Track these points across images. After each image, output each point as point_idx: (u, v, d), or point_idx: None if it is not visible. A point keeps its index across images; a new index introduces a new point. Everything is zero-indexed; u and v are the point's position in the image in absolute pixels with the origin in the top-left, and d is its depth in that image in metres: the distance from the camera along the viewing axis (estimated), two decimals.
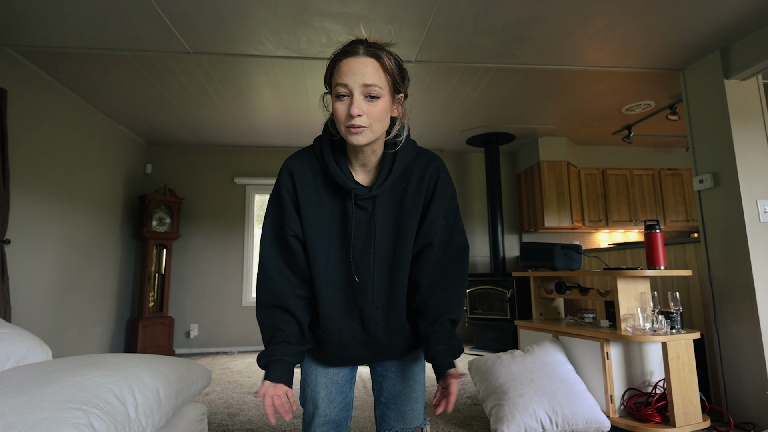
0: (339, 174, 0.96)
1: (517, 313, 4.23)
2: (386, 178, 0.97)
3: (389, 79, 0.90)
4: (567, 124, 4.46)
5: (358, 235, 0.99)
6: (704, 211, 2.79)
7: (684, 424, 2.18)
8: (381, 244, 0.99)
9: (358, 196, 0.97)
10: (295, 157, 1.02)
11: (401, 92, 0.96)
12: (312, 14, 2.37)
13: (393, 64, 0.91)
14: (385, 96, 0.90)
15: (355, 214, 0.98)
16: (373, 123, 0.89)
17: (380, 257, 1.00)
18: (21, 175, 2.91)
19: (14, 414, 1.01)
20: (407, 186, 0.99)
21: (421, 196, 0.99)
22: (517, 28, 2.53)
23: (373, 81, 0.87)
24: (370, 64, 0.88)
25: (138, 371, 1.40)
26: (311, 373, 1.11)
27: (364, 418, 2.52)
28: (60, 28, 2.47)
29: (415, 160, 1.01)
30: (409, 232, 0.99)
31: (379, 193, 0.97)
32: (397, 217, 1.00)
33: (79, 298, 3.60)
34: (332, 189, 0.99)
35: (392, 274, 1.01)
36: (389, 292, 1.02)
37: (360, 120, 0.87)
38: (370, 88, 0.87)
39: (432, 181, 1.00)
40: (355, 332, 1.04)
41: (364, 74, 0.87)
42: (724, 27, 2.50)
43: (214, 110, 3.92)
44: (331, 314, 1.02)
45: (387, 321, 1.04)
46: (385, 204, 0.99)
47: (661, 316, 2.35)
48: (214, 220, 4.93)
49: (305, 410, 1.12)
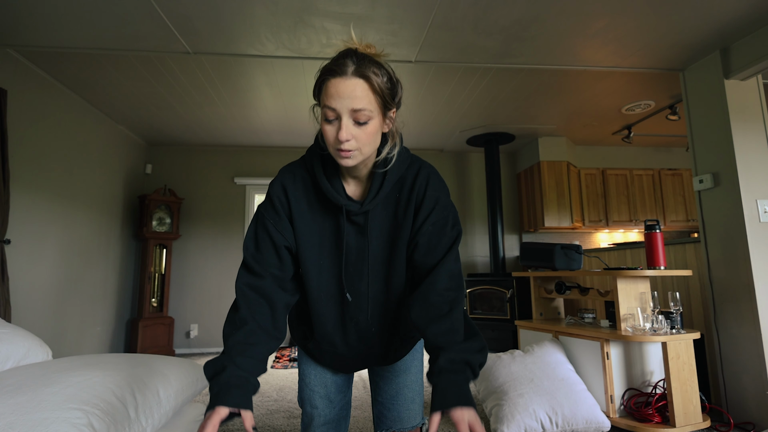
0: (330, 190, 0.93)
1: (517, 313, 4.23)
2: (378, 192, 0.94)
3: (379, 100, 0.85)
4: (567, 124, 4.46)
5: (351, 250, 0.97)
6: (704, 211, 2.79)
7: (684, 424, 2.18)
8: (375, 257, 0.97)
9: (350, 212, 0.95)
10: (288, 171, 0.98)
11: (392, 108, 0.91)
12: (312, 14, 2.37)
13: (383, 81, 0.85)
14: (375, 117, 0.86)
15: (347, 229, 0.96)
16: (363, 146, 0.86)
17: (374, 270, 0.98)
18: (21, 175, 2.91)
19: (14, 414, 1.01)
20: (400, 196, 0.97)
21: (412, 205, 0.96)
22: (517, 28, 2.53)
23: (362, 105, 0.82)
24: (359, 87, 0.82)
25: (138, 371, 1.40)
26: (309, 373, 1.11)
27: (364, 418, 2.52)
28: (60, 28, 2.47)
29: (408, 170, 0.98)
30: (402, 244, 0.97)
31: (371, 207, 0.95)
32: (391, 228, 0.97)
33: (79, 298, 3.60)
34: (324, 204, 0.97)
35: (388, 287, 0.99)
36: (385, 306, 1.00)
37: (349, 144, 0.84)
38: (359, 113, 0.83)
39: (421, 189, 0.96)
40: (351, 347, 1.04)
41: (353, 98, 0.82)
42: (724, 27, 2.50)
43: (214, 110, 3.91)
44: (326, 329, 1.01)
45: (384, 334, 1.03)
46: (379, 217, 0.97)
47: (661, 316, 2.35)
48: (214, 220, 4.93)
49: (304, 411, 1.12)
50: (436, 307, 0.89)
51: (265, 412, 2.62)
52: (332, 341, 1.03)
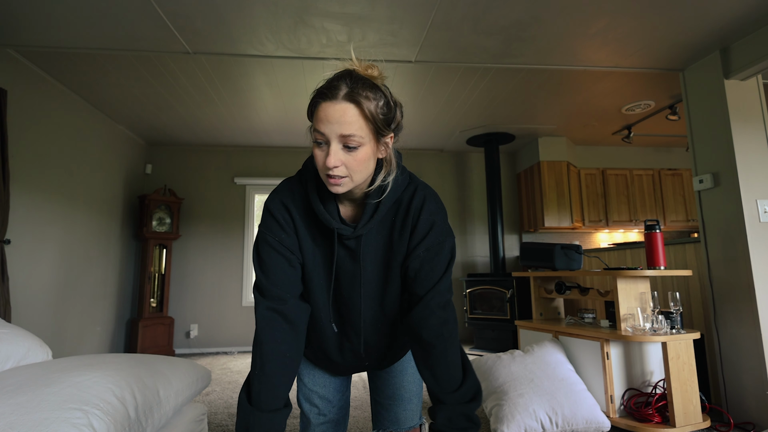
0: (323, 213, 0.90)
1: (517, 313, 4.23)
2: (371, 217, 0.91)
3: (371, 125, 0.81)
4: (567, 124, 4.46)
5: (345, 273, 0.94)
6: (704, 211, 2.79)
7: (684, 424, 2.18)
8: (368, 282, 0.95)
9: (343, 236, 0.91)
10: (286, 188, 0.95)
11: (388, 134, 0.86)
12: (312, 14, 2.37)
13: (377, 106, 0.81)
14: (367, 143, 0.82)
15: (340, 253, 0.93)
16: (353, 173, 0.83)
17: (368, 295, 0.95)
18: (21, 175, 2.91)
19: (14, 414, 1.01)
20: (395, 219, 0.93)
21: (407, 228, 0.92)
22: (517, 28, 2.53)
23: (351, 131, 0.79)
24: (349, 112, 0.79)
25: (138, 371, 1.40)
26: (308, 373, 1.11)
27: (364, 418, 2.52)
28: (60, 28, 2.47)
29: (404, 192, 0.93)
30: (396, 266, 0.93)
31: (364, 232, 0.91)
32: (385, 252, 0.94)
33: (79, 298, 3.60)
34: (318, 226, 0.94)
35: (383, 311, 0.98)
36: (381, 327, 1.00)
37: (338, 171, 0.81)
38: (348, 139, 0.79)
39: (416, 211, 0.91)
40: (345, 359, 1.05)
41: (342, 124, 0.78)
42: (724, 27, 2.50)
43: (214, 110, 3.92)
44: (321, 345, 1.03)
45: (379, 350, 1.04)
46: (374, 241, 0.93)
47: (661, 316, 2.35)
48: (214, 220, 4.93)
49: (302, 411, 1.12)
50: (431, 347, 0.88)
51: None
52: (328, 356, 1.05)
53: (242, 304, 4.84)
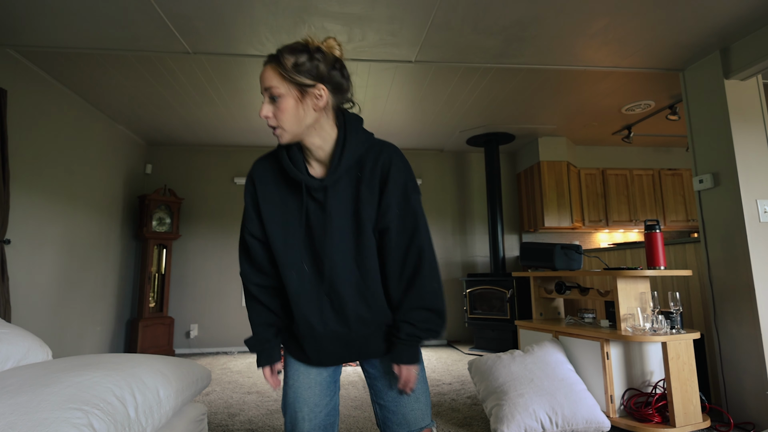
0: (292, 169, 1.01)
1: (517, 313, 4.23)
2: (336, 168, 0.99)
3: (288, 77, 0.93)
4: (567, 124, 4.46)
5: (316, 226, 1.02)
6: (704, 211, 2.79)
7: (684, 424, 2.18)
8: (337, 233, 1.01)
9: (311, 187, 1.00)
10: (260, 159, 1.11)
11: (312, 85, 0.95)
12: (312, 14, 2.37)
13: (294, 64, 0.93)
14: (287, 94, 0.94)
15: (309, 205, 1.02)
16: (282, 123, 0.96)
17: (339, 248, 1.01)
18: (21, 175, 2.91)
19: (14, 414, 1.01)
20: (362, 175, 1.01)
21: (376, 184, 1.01)
22: (517, 28, 2.53)
23: (270, 83, 0.94)
24: (269, 69, 0.95)
25: (138, 371, 1.40)
26: (293, 375, 1.08)
27: (364, 418, 2.52)
28: (60, 28, 2.47)
29: (369, 150, 1.03)
30: (368, 222, 1.00)
31: (330, 183, 0.99)
32: (355, 206, 1.01)
33: (79, 298, 3.60)
34: (290, 184, 1.04)
35: (358, 265, 1.01)
36: (357, 283, 1.01)
37: (270, 121, 0.97)
38: (270, 91, 0.95)
39: (385, 168, 1.01)
40: (327, 324, 1.02)
41: (264, 80, 0.95)
42: (724, 27, 2.50)
43: (214, 110, 3.92)
44: (302, 309, 1.03)
45: (358, 312, 1.02)
46: (342, 194, 1.01)
47: (661, 316, 2.35)
48: (214, 220, 4.93)
49: (287, 416, 1.07)
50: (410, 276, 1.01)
51: (265, 412, 2.62)
52: (309, 322, 1.02)
53: (242, 304, 4.84)
